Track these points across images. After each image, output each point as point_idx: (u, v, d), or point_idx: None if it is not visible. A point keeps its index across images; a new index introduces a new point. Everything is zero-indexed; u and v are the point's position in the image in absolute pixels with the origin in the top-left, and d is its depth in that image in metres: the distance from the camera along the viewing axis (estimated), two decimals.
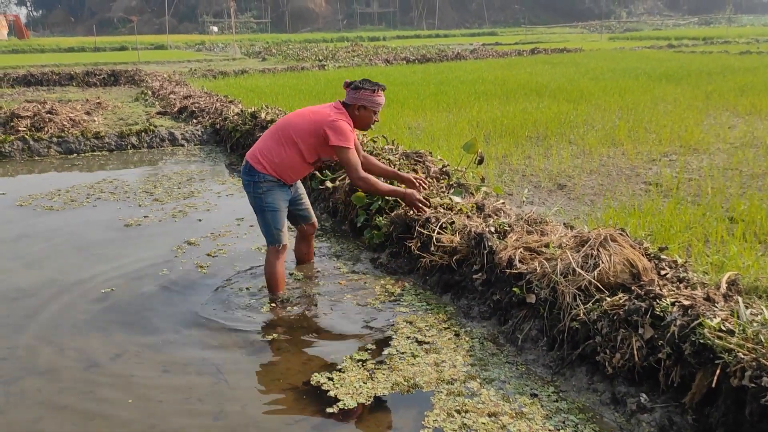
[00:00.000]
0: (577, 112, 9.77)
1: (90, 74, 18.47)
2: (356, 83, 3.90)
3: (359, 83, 3.89)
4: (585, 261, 3.16)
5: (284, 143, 3.84)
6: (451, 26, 70.33)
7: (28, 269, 4.56)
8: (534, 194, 5.71)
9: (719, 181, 5.80)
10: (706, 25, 56.96)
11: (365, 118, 3.95)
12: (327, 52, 28.51)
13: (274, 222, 3.90)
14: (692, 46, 28.28)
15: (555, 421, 2.65)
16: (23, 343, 3.49)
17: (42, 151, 8.85)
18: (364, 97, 3.87)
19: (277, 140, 3.88)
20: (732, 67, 16.08)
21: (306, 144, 3.83)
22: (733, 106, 10.06)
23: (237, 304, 3.91)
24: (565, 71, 16.50)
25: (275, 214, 3.90)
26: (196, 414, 2.82)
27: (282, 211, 3.95)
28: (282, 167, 3.85)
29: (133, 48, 33.56)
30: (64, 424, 2.78)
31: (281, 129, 3.91)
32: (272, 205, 3.88)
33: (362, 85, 3.88)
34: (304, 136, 3.82)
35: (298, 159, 3.86)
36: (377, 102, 3.91)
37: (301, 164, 3.90)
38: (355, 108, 3.90)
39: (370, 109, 3.91)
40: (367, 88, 3.86)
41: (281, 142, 3.85)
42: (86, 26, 62.15)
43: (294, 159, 3.85)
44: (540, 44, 32.10)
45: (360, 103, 3.88)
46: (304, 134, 3.83)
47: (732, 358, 2.36)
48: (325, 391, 2.93)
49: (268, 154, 3.85)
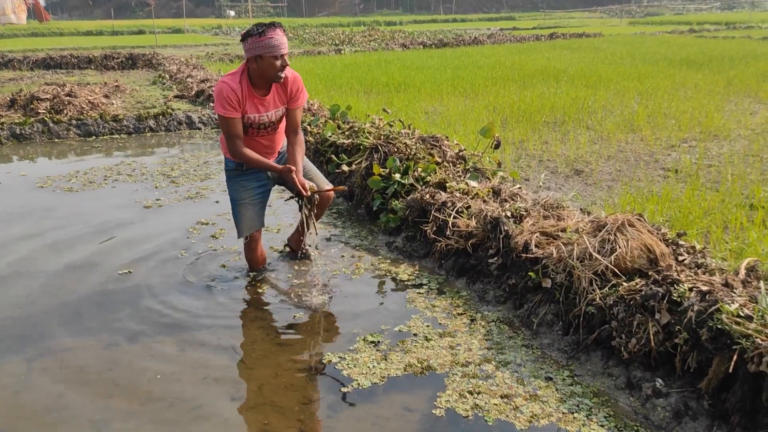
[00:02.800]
0: (595, 97, 9.67)
1: (108, 57, 18.55)
2: (243, 33, 3.35)
3: (246, 31, 3.33)
4: (602, 246, 3.14)
5: None
6: (468, 11, 69.67)
7: (48, 250, 4.62)
8: (550, 179, 5.67)
9: (739, 167, 5.72)
10: (729, 9, 55.88)
11: (267, 69, 3.35)
12: (343, 37, 28.38)
13: (235, 214, 3.80)
14: (714, 30, 27.78)
15: (569, 405, 2.65)
16: (44, 322, 3.55)
17: (61, 134, 8.93)
18: (253, 45, 3.30)
19: None
20: (755, 53, 15.80)
21: None
22: (755, 92, 9.90)
23: (254, 287, 3.94)
24: (584, 56, 16.30)
25: (235, 206, 3.78)
26: (213, 393, 2.86)
27: (242, 203, 3.74)
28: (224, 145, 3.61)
29: (151, 32, 33.65)
30: (85, 400, 2.83)
31: None
32: (232, 196, 3.77)
33: (249, 32, 3.31)
34: None
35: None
36: (270, 45, 3.28)
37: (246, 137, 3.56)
38: (252, 60, 3.36)
39: (268, 56, 3.30)
40: (254, 34, 3.29)
41: None
42: (104, 10, 62.34)
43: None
44: (558, 29, 31.71)
45: (254, 53, 3.31)
46: None
47: (750, 343, 2.34)
48: (339, 371, 2.96)
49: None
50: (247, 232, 3.85)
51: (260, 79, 3.43)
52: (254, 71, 3.39)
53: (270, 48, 3.29)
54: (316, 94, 10.09)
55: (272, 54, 3.30)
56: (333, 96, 9.88)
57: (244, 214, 3.78)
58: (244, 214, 3.78)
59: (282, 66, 3.37)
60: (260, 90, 3.48)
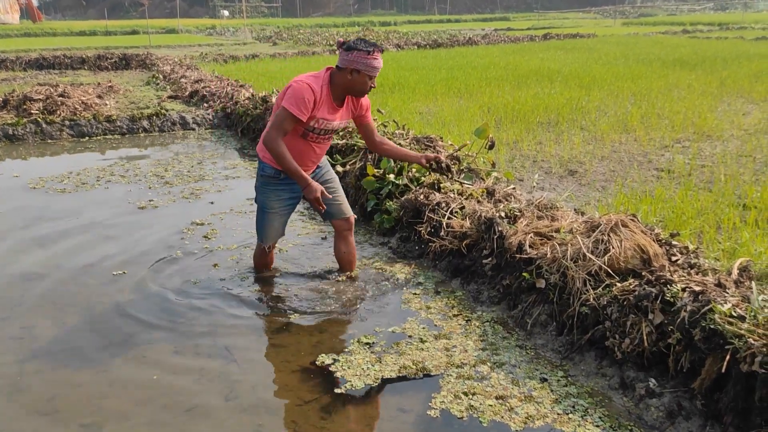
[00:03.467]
0: (589, 97, 9.69)
1: (101, 58, 18.49)
2: (350, 43, 3.36)
3: (353, 43, 3.35)
4: (595, 246, 3.15)
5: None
6: (462, 11, 69.77)
7: (42, 251, 4.60)
8: (545, 180, 5.68)
9: (732, 167, 5.75)
10: (722, 10, 56.14)
11: (359, 83, 3.39)
12: (338, 37, 28.35)
13: (260, 221, 3.75)
14: (707, 31, 27.91)
15: (564, 405, 2.65)
16: (37, 324, 3.53)
17: (54, 134, 8.89)
18: (357, 59, 3.32)
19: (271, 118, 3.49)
20: (747, 53, 15.87)
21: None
22: (747, 93, 9.95)
23: (247, 288, 3.93)
24: (578, 57, 16.35)
25: (262, 214, 3.71)
26: (207, 395, 2.85)
27: (272, 212, 3.68)
28: None
29: (145, 32, 33.57)
30: (78, 402, 2.82)
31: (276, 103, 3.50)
32: (262, 203, 3.68)
33: (356, 45, 3.33)
34: (279, 102, 3.42)
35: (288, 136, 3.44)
36: (372, 65, 3.35)
37: (291, 140, 3.44)
38: (347, 72, 3.36)
39: (365, 74, 3.35)
40: (362, 49, 3.31)
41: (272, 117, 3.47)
42: (98, 10, 62.18)
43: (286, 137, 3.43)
44: (553, 30, 31.80)
45: (353, 66, 3.33)
46: (278, 102, 3.43)
47: (742, 343, 2.35)
48: (333, 372, 2.96)
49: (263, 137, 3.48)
50: (270, 242, 3.82)
51: (344, 90, 3.45)
52: (343, 81, 3.40)
53: (371, 68, 3.36)
54: None
55: (369, 73, 3.37)
56: None
57: (272, 223, 3.72)
58: (271, 224, 3.72)
59: (371, 86, 3.45)
60: (337, 99, 3.49)
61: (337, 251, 4.00)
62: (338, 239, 3.97)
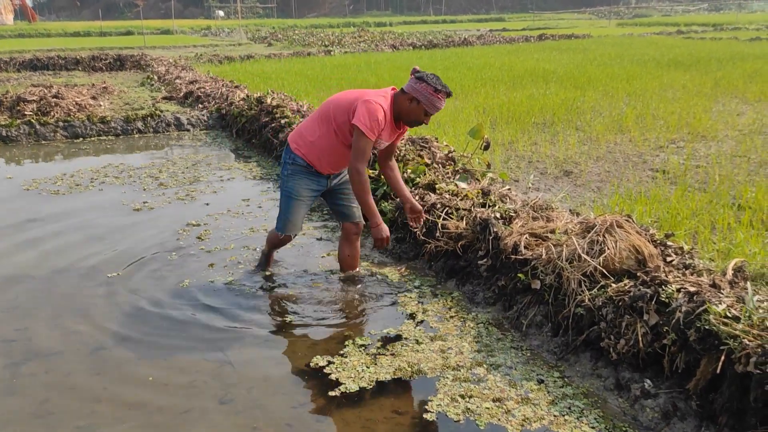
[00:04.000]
0: (584, 98, 9.71)
1: (96, 59, 18.44)
2: (423, 74, 3.43)
3: (425, 75, 3.42)
4: (590, 247, 3.15)
5: (322, 121, 3.54)
6: (458, 12, 69.84)
7: (35, 253, 4.58)
8: (540, 180, 5.69)
9: (727, 168, 5.76)
10: (716, 11, 56.34)
11: (414, 114, 3.45)
12: (333, 38, 28.36)
13: (286, 208, 3.71)
14: (701, 32, 28.02)
15: (560, 407, 2.65)
16: (31, 326, 3.51)
17: (48, 136, 8.86)
18: (422, 90, 3.38)
19: (316, 117, 3.59)
20: (741, 54, 15.93)
21: (339, 122, 3.47)
22: (742, 93, 9.98)
23: (243, 289, 3.92)
24: (573, 57, 16.38)
25: (290, 200, 3.67)
26: (202, 397, 2.84)
27: (300, 200, 3.67)
28: (316, 148, 3.55)
29: (139, 33, 33.50)
30: (71, 406, 2.80)
31: (324, 105, 3.59)
32: (291, 190, 3.65)
33: (427, 78, 3.40)
34: (339, 113, 3.46)
35: (332, 139, 3.51)
36: (434, 104, 3.41)
37: (337, 146, 3.52)
38: (408, 98, 3.43)
39: (423, 107, 3.42)
40: (430, 84, 3.38)
41: (320, 119, 3.55)
42: (92, 11, 62.02)
43: (329, 138, 3.52)
44: (548, 30, 31.86)
45: (416, 95, 3.40)
46: (339, 110, 3.47)
47: (737, 344, 2.35)
48: (328, 374, 2.95)
49: (305, 132, 3.59)
50: (292, 232, 3.78)
51: (400, 113, 3.51)
52: (403, 106, 3.46)
53: (431, 105, 3.43)
54: (305, 96, 10.07)
55: (428, 109, 3.44)
56: (323, 97, 9.86)
57: (297, 211, 3.71)
58: (296, 211, 3.71)
59: (423, 122, 3.53)
60: (395, 121, 3.56)
61: (342, 253, 4.01)
62: (344, 241, 3.98)
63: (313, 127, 3.58)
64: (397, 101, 3.46)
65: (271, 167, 7.03)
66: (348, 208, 3.85)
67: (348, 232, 3.93)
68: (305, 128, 3.63)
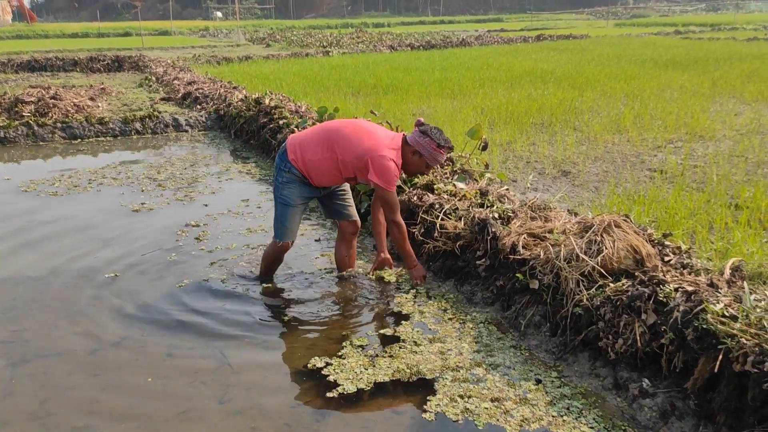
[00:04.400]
0: (582, 98, 9.72)
1: (94, 60, 18.42)
2: (427, 128, 3.59)
3: (429, 130, 3.57)
4: (588, 247, 3.15)
5: (325, 146, 3.59)
6: (456, 12, 69.86)
7: (33, 254, 4.58)
8: (538, 181, 5.69)
9: (724, 167, 5.77)
10: (714, 11, 56.41)
11: (416, 166, 3.64)
12: (331, 39, 28.34)
13: (282, 216, 3.76)
14: (699, 32, 28.05)
15: (559, 407, 2.65)
16: (28, 327, 3.51)
17: (46, 137, 8.86)
18: (425, 145, 3.54)
19: (319, 140, 3.63)
20: (739, 54, 15.95)
21: (345, 161, 3.56)
22: (739, 93, 10.00)
23: (241, 290, 3.92)
24: (571, 58, 16.39)
25: (285, 208, 3.73)
26: (200, 397, 2.84)
27: (294, 207, 3.74)
28: (312, 166, 3.63)
29: (137, 34, 33.48)
30: (70, 406, 2.80)
31: (329, 132, 3.64)
32: (286, 198, 3.71)
33: (431, 133, 3.55)
34: (347, 154, 3.55)
35: (331, 167, 3.62)
36: (436, 158, 3.59)
37: (333, 173, 3.65)
38: (411, 150, 3.59)
39: (425, 160, 3.59)
40: (434, 139, 3.54)
41: (323, 143, 3.60)
42: (90, 12, 61.92)
43: (327, 165, 3.61)
44: (546, 31, 31.88)
45: (419, 149, 3.56)
46: (347, 152, 3.55)
47: (735, 343, 2.36)
48: (326, 375, 2.95)
49: (305, 148, 3.63)
50: (291, 238, 3.82)
51: (406, 166, 3.68)
52: (406, 158, 3.63)
53: (433, 159, 3.62)
54: (303, 96, 10.07)
55: (429, 162, 3.63)
56: (321, 98, 9.87)
57: (293, 218, 3.77)
58: (293, 219, 3.77)
59: (423, 173, 3.79)
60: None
61: (338, 253, 4.04)
62: (341, 241, 4.02)
63: (315, 149, 3.62)
64: (403, 149, 3.62)
65: (270, 168, 7.03)
66: (345, 207, 3.92)
67: (345, 232, 3.96)
68: (306, 144, 3.65)
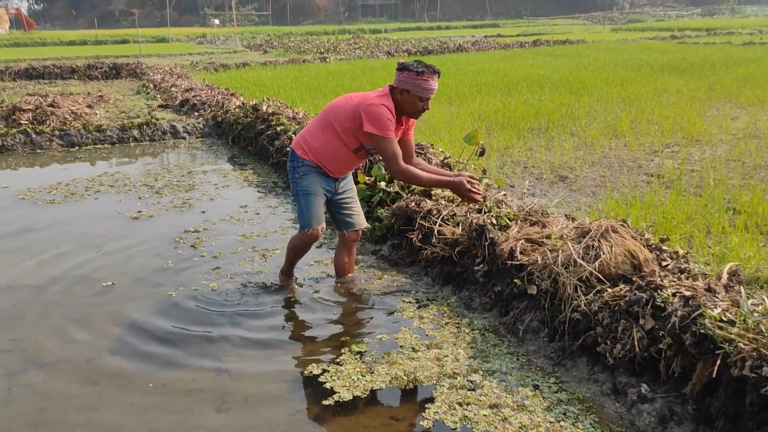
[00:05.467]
0: (579, 103, 9.74)
1: (91, 67, 18.42)
2: (404, 64, 3.46)
3: (407, 63, 3.44)
4: (586, 252, 3.16)
5: (324, 128, 3.57)
6: (452, 18, 70.04)
7: (30, 262, 4.57)
8: (535, 186, 5.70)
9: (721, 172, 5.79)
10: (710, 16, 56.65)
11: (410, 104, 3.47)
12: (329, 45, 28.43)
13: (306, 205, 3.67)
14: (695, 37, 28.14)
15: (556, 413, 2.65)
16: (27, 336, 3.50)
17: (44, 144, 8.86)
18: (407, 79, 3.41)
19: (318, 124, 3.62)
20: (735, 58, 16.01)
21: (343, 128, 3.51)
22: (736, 98, 10.03)
23: (239, 297, 3.92)
24: (568, 63, 16.44)
25: (308, 197, 3.64)
26: (199, 405, 2.83)
27: (317, 195, 3.66)
28: (322, 153, 3.58)
29: (135, 41, 33.51)
30: (68, 415, 2.79)
31: (323, 113, 3.63)
32: (306, 188, 3.63)
33: (407, 65, 3.43)
34: (342, 120, 3.50)
35: (337, 144, 3.55)
36: (423, 87, 3.42)
37: (342, 151, 3.57)
38: (398, 92, 3.47)
39: (415, 95, 3.43)
40: (412, 70, 3.40)
41: (322, 126, 3.59)
42: (87, 19, 62.03)
43: (333, 144, 3.56)
44: (542, 36, 31.96)
45: (403, 87, 3.43)
46: (342, 118, 3.51)
47: (733, 348, 2.36)
48: (323, 383, 2.94)
49: (309, 139, 3.62)
50: (318, 224, 3.73)
51: (398, 109, 3.53)
52: (397, 102, 3.50)
53: (422, 89, 3.43)
54: (301, 103, 10.09)
55: (420, 95, 3.44)
56: (318, 104, 9.88)
57: (317, 205, 3.68)
58: (316, 205, 3.68)
59: (423, 108, 3.52)
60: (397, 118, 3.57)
61: (339, 259, 4.03)
62: (342, 248, 4.01)
63: (317, 134, 3.60)
64: (393, 97, 3.50)
65: (267, 174, 7.04)
66: (351, 216, 3.88)
67: (348, 240, 3.95)
68: (308, 134, 3.65)
